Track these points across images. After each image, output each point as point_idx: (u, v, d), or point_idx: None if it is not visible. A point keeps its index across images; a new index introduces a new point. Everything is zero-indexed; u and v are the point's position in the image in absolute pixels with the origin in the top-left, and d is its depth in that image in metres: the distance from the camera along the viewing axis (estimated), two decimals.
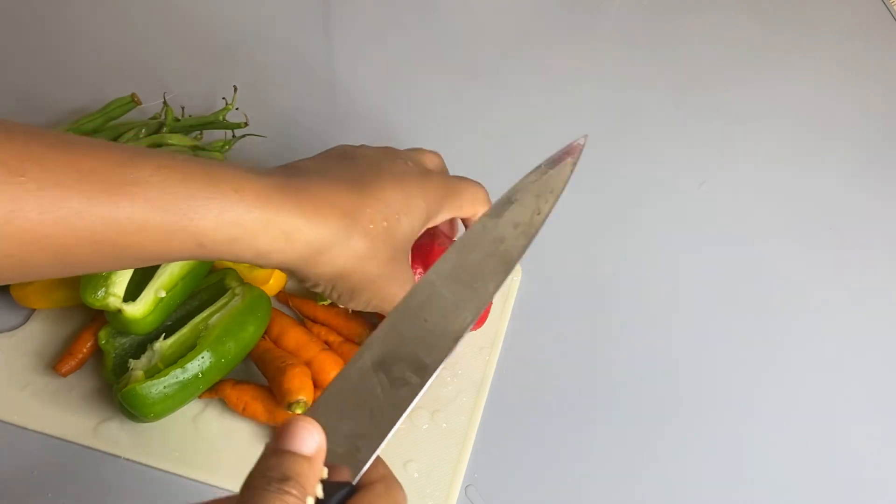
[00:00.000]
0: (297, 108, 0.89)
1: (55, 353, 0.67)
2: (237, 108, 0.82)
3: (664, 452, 0.66)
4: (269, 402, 0.63)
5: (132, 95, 0.81)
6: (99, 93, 0.85)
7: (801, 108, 0.96)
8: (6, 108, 0.85)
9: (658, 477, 0.65)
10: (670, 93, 0.96)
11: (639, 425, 0.67)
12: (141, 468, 0.62)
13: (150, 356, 0.62)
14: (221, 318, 0.63)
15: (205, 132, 0.81)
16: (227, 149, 0.79)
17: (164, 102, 0.80)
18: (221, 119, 0.79)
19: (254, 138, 0.82)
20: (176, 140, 0.77)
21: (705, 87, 0.97)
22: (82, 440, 0.63)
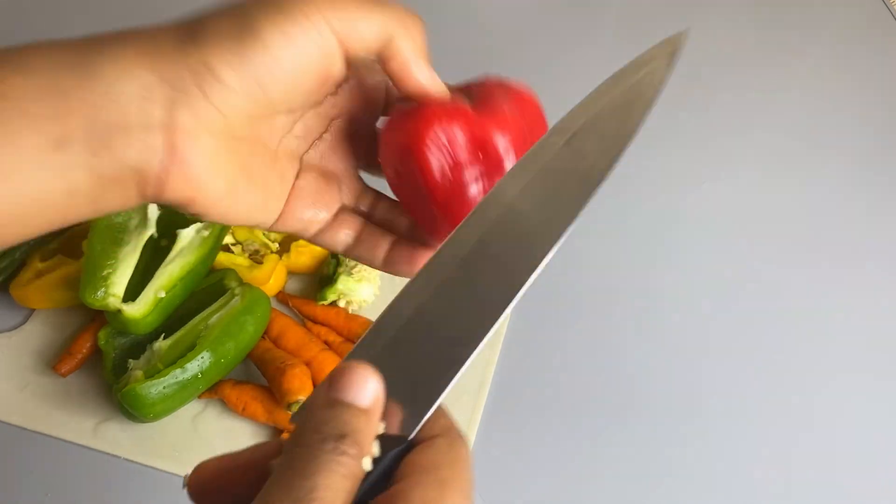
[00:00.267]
0: None
1: (55, 354, 0.66)
2: None
3: (664, 451, 0.66)
4: (268, 402, 0.63)
5: None
6: None
7: (801, 107, 0.96)
8: None
9: (659, 476, 0.65)
10: (666, 94, 0.95)
11: (639, 424, 0.67)
12: (140, 468, 0.62)
13: (150, 356, 0.62)
14: (221, 319, 0.63)
15: None
16: None
17: None
18: None
19: None
20: None
21: (702, 89, 0.97)
22: (82, 440, 0.63)
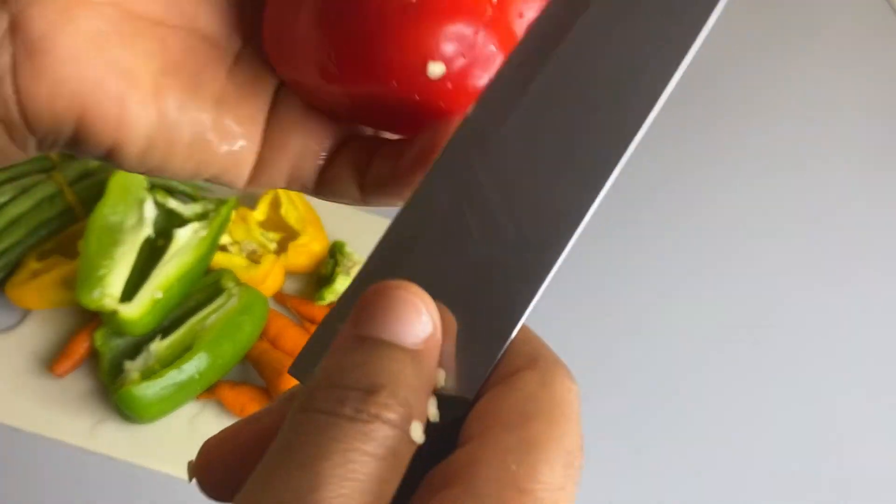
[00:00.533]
0: None
1: (51, 354, 0.66)
2: None
3: (665, 450, 0.66)
4: (266, 403, 0.63)
5: None
6: None
7: (801, 107, 0.96)
8: None
9: (660, 475, 0.64)
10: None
11: (640, 424, 0.67)
12: (137, 470, 0.62)
13: (146, 357, 0.62)
14: (218, 320, 0.63)
15: None
16: None
17: None
18: None
19: None
20: None
21: (704, 86, 0.96)
22: (78, 442, 0.62)
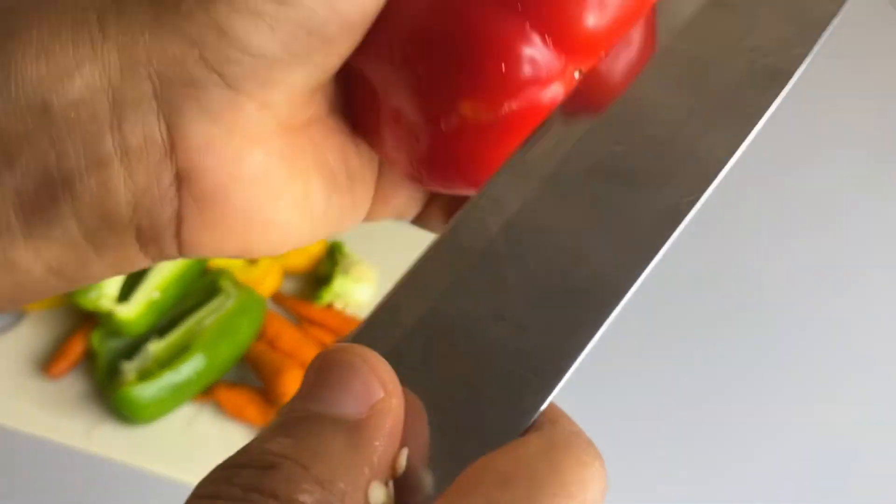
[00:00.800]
0: None
1: (47, 356, 0.66)
2: None
3: (666, 451, 0.65)
4: (264, 405, 0.63)
5: None
6: None
7: (800, 107, 0.96)
8: None
9: (662, 474, 0.64)
10: None
11: (641, 423, 0.66)
12: (134, 472, 0.61)
13: (143, 358, 0.62)
14: (215, 320, 0.63)
15: None
16: None
17: None
18: None
19: None
20: None
21: None
22: (74, 443, 0.62)
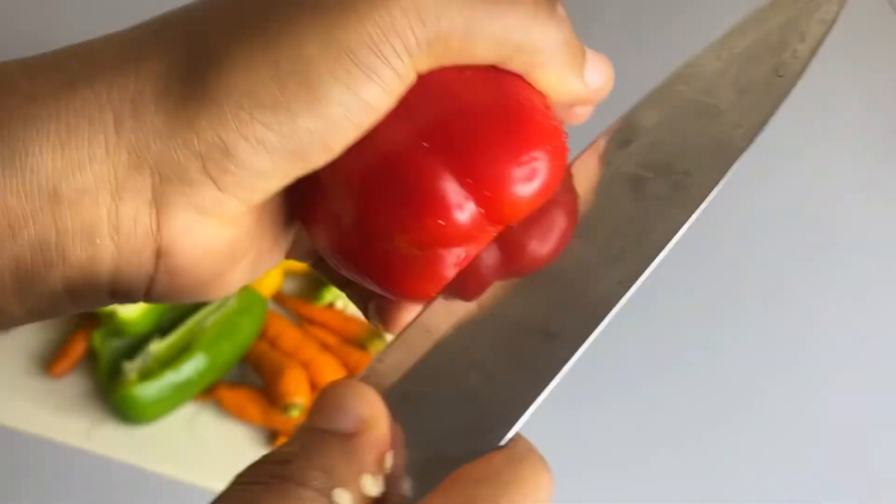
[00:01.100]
0: None
1: (48, 355, 0.66)
2: None
3: (669, 450, 0.65)
4: (265, 404, 0.63)
5: None
6: None
7: (800, 107, 0.95)
8: None
9: (664, 474, 0.64)
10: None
11: (642, 424, 0.66)
12: (135, 471, 0.61)
13: (145, 358, 0.62)
14: (216, 320, 0.63)
15: None
16: None
17: None
18: None
19: None
20: None
21: None
22: (76, 443, 0.62)
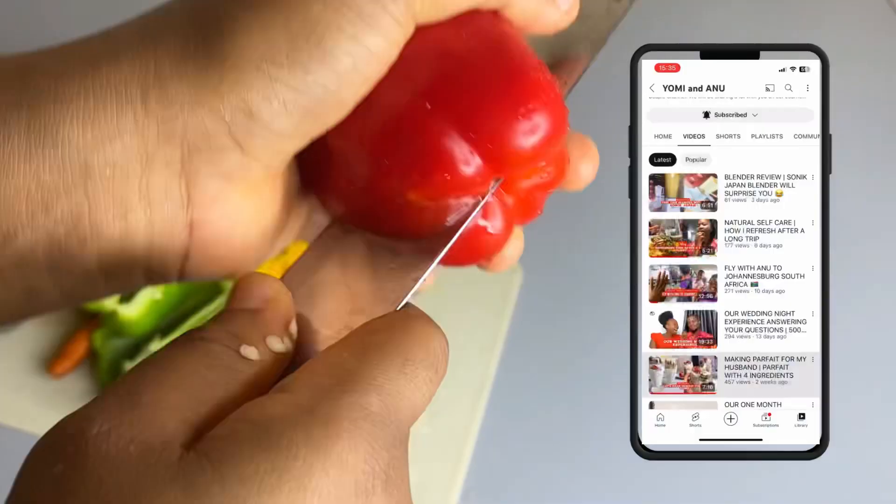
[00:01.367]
0: None
1: (49, 355, 0.66)
2: None
3: None
4: None
5: None
6: None
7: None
8: None
9: (666, 474, 0.64)
10: None
11: None
12: None
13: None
14: None
15: None
16: None
17: None
18: None
19: None
20: None
21: None
22: None
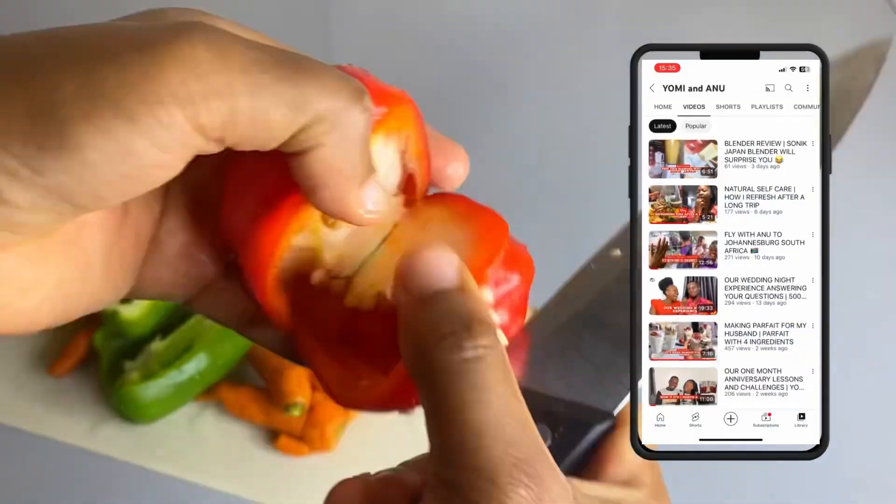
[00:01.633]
0: None
1: (50, 355, 0.66)
2: None
3: None
4: (266, 404, 0.63)
5: None
6: None
7: None
8: None
9: (666, 474, 0.64)
10: None
11: None
12: (136, 470, 0.61)
13: (146, 358, 0.62)
14: None
15: None
16: None
17: None
18: None
19: None
20: None
21: None
22: (77, 442, 0.62)
